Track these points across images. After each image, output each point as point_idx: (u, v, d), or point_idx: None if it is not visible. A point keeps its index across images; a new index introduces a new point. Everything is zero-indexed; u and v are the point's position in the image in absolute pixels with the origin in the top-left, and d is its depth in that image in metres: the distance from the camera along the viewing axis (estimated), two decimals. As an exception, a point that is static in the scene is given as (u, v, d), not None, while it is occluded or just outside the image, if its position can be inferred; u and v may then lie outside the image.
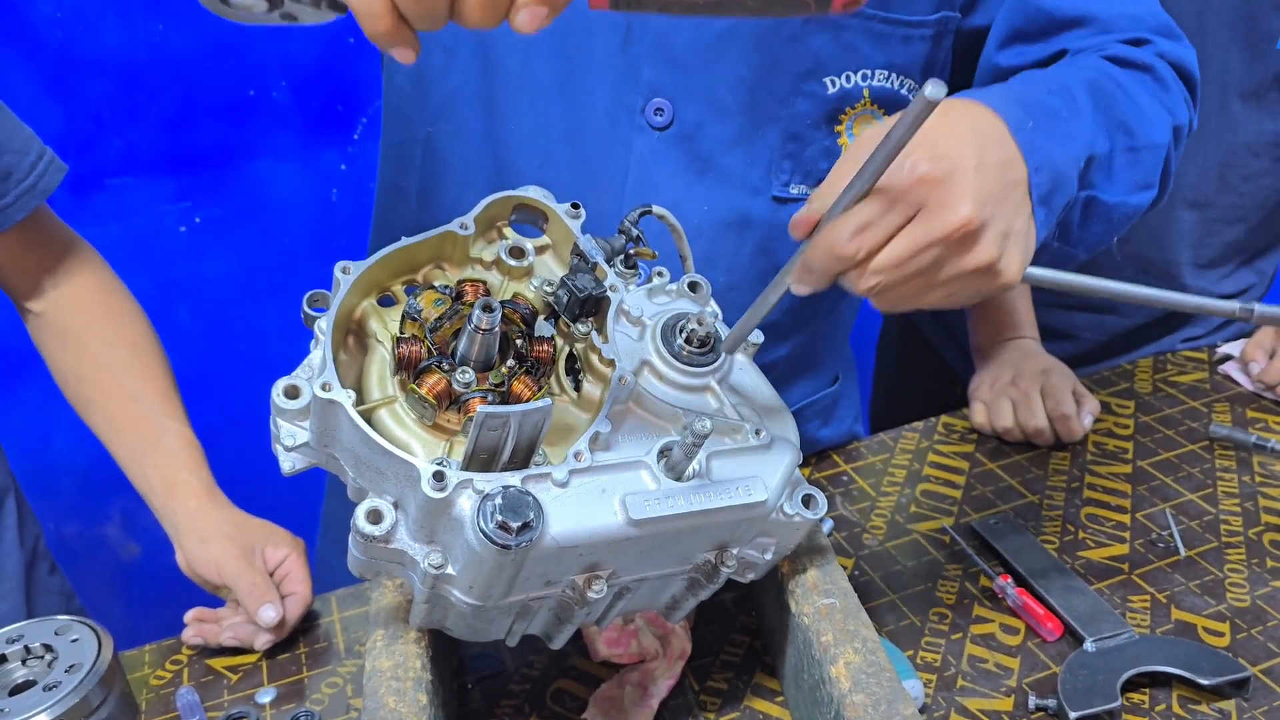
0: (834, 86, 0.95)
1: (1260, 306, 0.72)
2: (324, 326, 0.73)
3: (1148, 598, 1.01)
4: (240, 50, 1.87)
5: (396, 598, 0.84)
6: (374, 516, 0.68)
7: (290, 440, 0.73)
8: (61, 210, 1.10)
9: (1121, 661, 0.90)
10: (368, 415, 0.72)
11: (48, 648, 0.83)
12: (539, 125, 0.95)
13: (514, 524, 0.63)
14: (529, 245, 0.82)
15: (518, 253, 0.81)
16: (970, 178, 0.65)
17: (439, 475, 0.65)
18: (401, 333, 0.75)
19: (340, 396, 0.68)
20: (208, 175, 1.95)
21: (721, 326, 0.81)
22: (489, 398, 0.72)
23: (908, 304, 0.69)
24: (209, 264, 2.00)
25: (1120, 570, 1.04)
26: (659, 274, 0.83)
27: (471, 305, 0.72)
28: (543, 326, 0.78)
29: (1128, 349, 1.52)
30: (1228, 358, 1.41)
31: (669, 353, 0.76)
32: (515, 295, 0.80)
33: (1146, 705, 0.88)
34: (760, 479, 0.73)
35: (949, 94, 1.00)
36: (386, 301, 0.80)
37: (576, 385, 0.78)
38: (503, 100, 0.96)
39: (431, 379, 0.72)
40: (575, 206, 0.82)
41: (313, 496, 1.35)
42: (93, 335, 1.08)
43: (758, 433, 0.75)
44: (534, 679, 0.94)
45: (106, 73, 1.82)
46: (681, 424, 0.74)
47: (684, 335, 0.77)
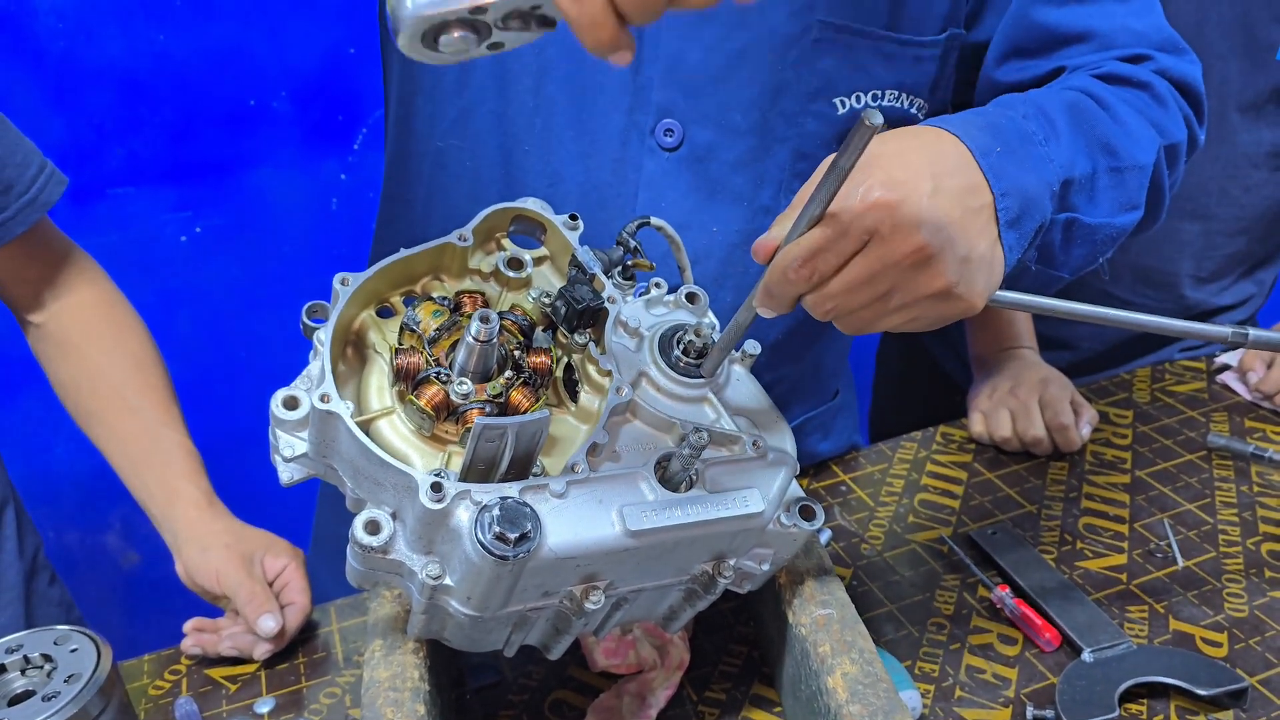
0: (843, 107, 0.95)
1: (1255, 331, 0.71)
2: (323, 338, 0.73)
3: (1146, 608, 1.01)
4: (240, 60, 1.88)
5: (395, 608, 0.84)
6: (372, 527, 0.68)
7: (289, 451, 0.73)
8: (62, 220, 1.11)
9: (1119, 672, 0.90)
10: (366, 426, 0.72)
11: (47, 658, 0.83)
12: (550, 145, 0.95)
13: (512, 535, 0.64)
14: (527, 256, 0.83)
15: (516, 264, 0.82)
16: (924, 203, 0.65)
17: (437, 486, 0.65)
18: (400, 344, 0.75)
19: (339, 407, 0.69)
20: (208, 185, 1.95)
21: (719, 337, 0.81)
22: (487, 409, 0.72)
23: (870, 328, 0.69)
24: (209, 274, 2.00)
25: (1118, 580, 1.04)
26: (656, 285, 0.83)
27: (469, 316, 0.72)
28: (540, 338, 0.78)
29: (1126, 359, 1.52)
30: (1226, 367, 1.42)
31: (666, 364, 0.76)
32: (513, 306, 0.80)
33: (1144, 716, 0.88)
34: (757, 490, 0.73)
35: (952, 110, 1.00)
36: (385, 313, 0.80)
37: (574, 396, 0.78)
38: (516, 119, 0.96)
39: (430, 390, 0.72)
40: (573, 218, 0.83)
41: (312, 507, 1.35)
42: (93, 347, 1.08)
43: (755, 444, 0.75)
44: (532, 689, 0.94)
45: (107, 83, 1.82)
46: (679, 435, 0.74)
47: (681, 346, 0.77)
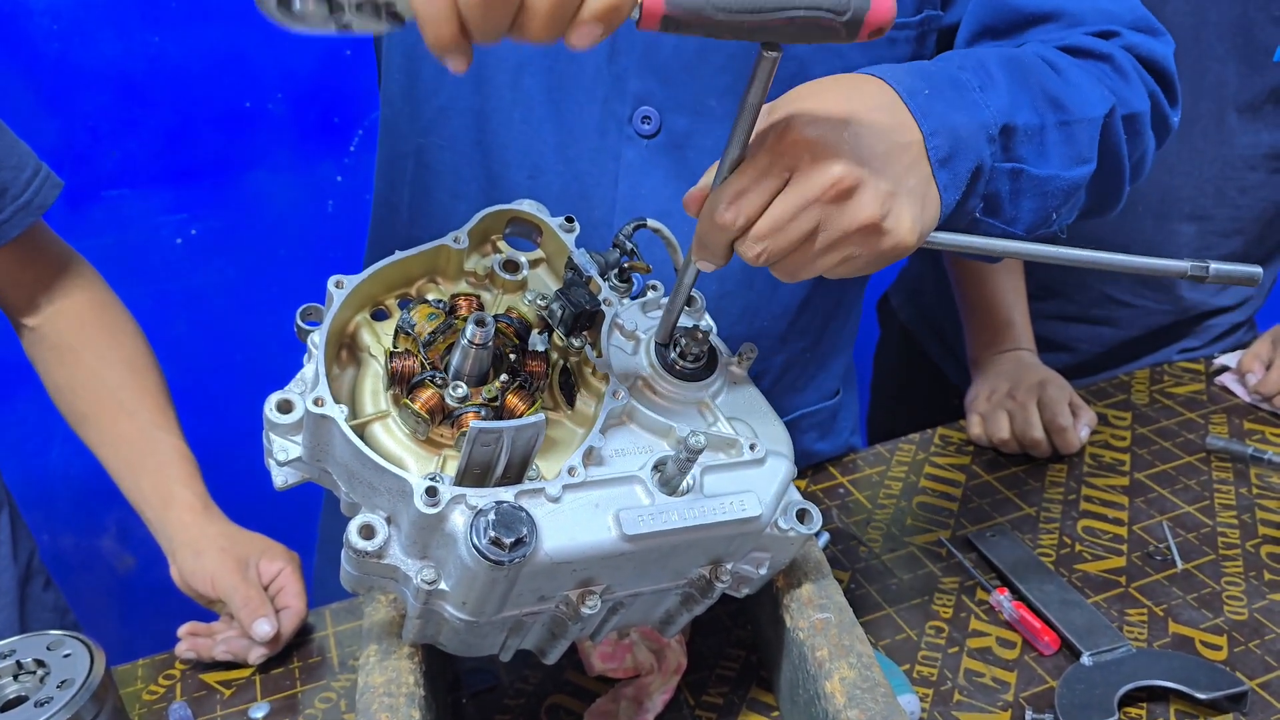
0: None
1: (1216, 265, 0.71)
2: (317, 340, 0.73)
3: (1145, 611, 1.00)
4: (236, 62, 1.87)
5: (390, 613, 0.84)
6: (367, 532, 0.68)
7: (283, 455, 0.73)
8: (57, 222, 1.10)
9: (1119, 675, 0.90)
10: (360, 430, 0.72)
11: (40, 663, 0.82)
12: (529, 137, 0.96)
13: (507, 539, 0.63)
14: (523, 259, 0.82)
15: (512, 266, 0.81)
16: (841, 137, 0.65)
17: (432, 490, 0.65)
18: (395, 347, 0.75)
19: (333, 411, 0.68)
20: (204, 187, 1.95)
21: (716, 341, 0.81)
22: (482, 413, 0.72)
23: (804, 272, 0.68)
24: (204, 276, 2.00)
25: (1117, 583, 1.04)
26: (653, 288, 0.83)
27: (465, 319, 0.71)
28: (536, 341, 0.78)
29: (1125, 360, 1.52)
30: (1225, 369, 1.41)
31: (663, 367, 0.76)
32: (509, 309, 0.80)
33: (1144, 720, 0.88)
34: (754, 494, 0.72)
35: None
36: (380, 315, 0.79)
37: (570, 400, 0.78)
38: (493, 113, 0.96)
39: (425, 394, 0.72)
40: (569, 220, 0.82)
41: (309, 511, 1.35)
42: (88, 350, 1.08)
43: (752, 447, 0.74)
44: (528, 694, 0.93)
45: (102, 85, 1.82)
46: (675, 438, 0.74)
47: (678, 350, 0.76)
